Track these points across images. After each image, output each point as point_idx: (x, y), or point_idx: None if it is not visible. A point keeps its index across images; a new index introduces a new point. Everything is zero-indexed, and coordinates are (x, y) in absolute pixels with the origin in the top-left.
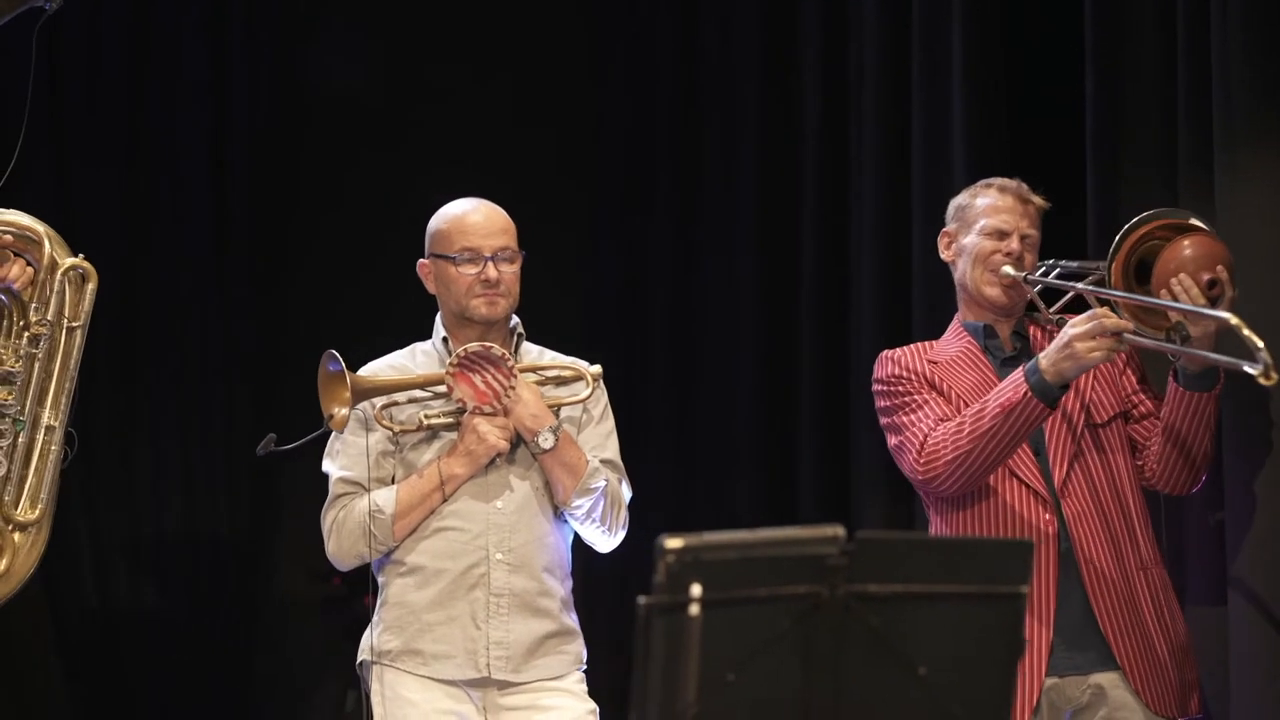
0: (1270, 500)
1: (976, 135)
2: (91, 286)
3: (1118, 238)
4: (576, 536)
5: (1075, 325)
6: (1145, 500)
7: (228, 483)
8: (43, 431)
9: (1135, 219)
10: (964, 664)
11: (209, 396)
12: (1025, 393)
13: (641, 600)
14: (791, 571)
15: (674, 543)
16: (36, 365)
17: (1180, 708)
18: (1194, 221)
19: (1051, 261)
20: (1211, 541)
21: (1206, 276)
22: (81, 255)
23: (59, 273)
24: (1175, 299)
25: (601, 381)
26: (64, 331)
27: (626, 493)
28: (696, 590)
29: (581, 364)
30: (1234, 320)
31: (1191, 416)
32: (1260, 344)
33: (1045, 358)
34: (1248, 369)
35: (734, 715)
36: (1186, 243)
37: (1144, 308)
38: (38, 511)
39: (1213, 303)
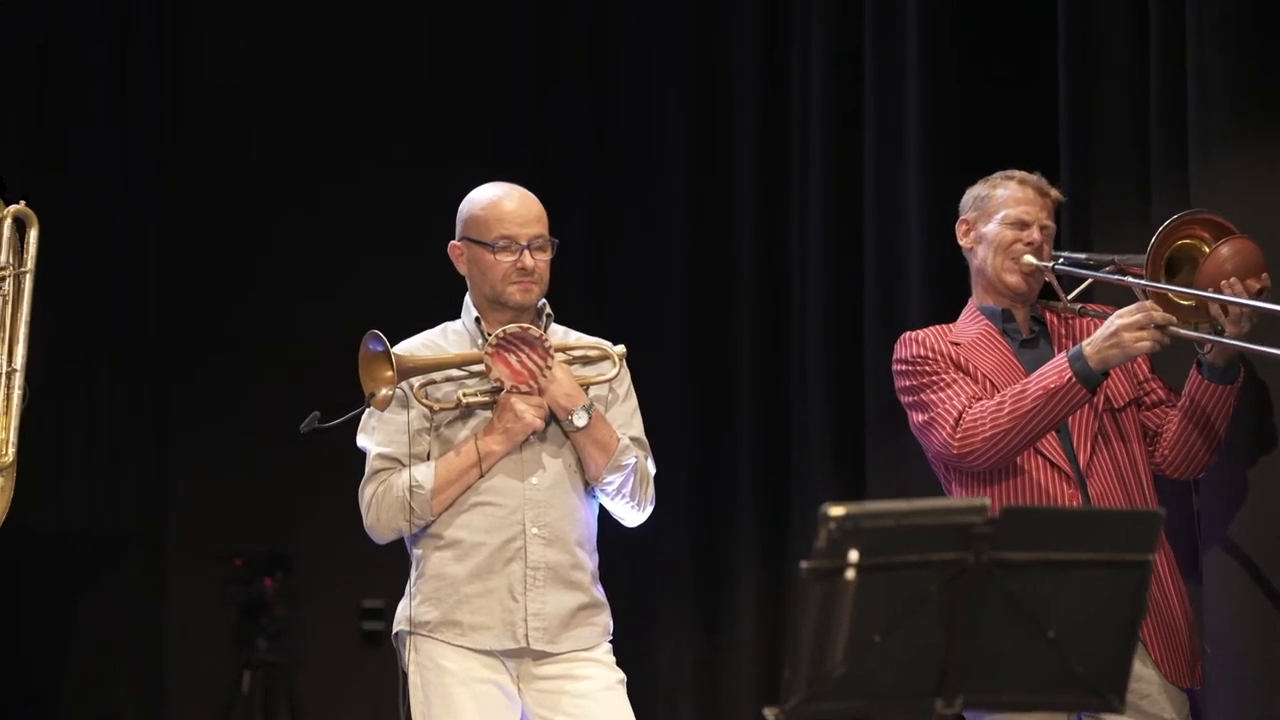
0: (1242, 483)
1: (934, 136)
2: (34, 232)
3: (1156, 235)
4: (603, 511)
5: (1123, 316)
6: (1154, 483)
7: (124, 464)
8: (3, 377)
9: (1175, 216)
10: (1089, 626)
11: (105, 381)
12: (1070, 378)
13: (803, 565)
14: (940, 539)
15: (836, 510)
16: None
17: (1190, 676)
18: (1228, 223)
19: (1055, 254)
20: (1185, 523)
21: (1257, 286)
22: (22, 201)
23: (4, 221)
24: (1227, 309)
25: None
26: (12, 278)
27: (652, 468)
28: (854, 556)
29: (606, 344)
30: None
31: (1213, 409)
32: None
33: (1090, 345)
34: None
35: (877, 674)
36: (1227, 248)
37: (1168, 299)
38: (10, 455)
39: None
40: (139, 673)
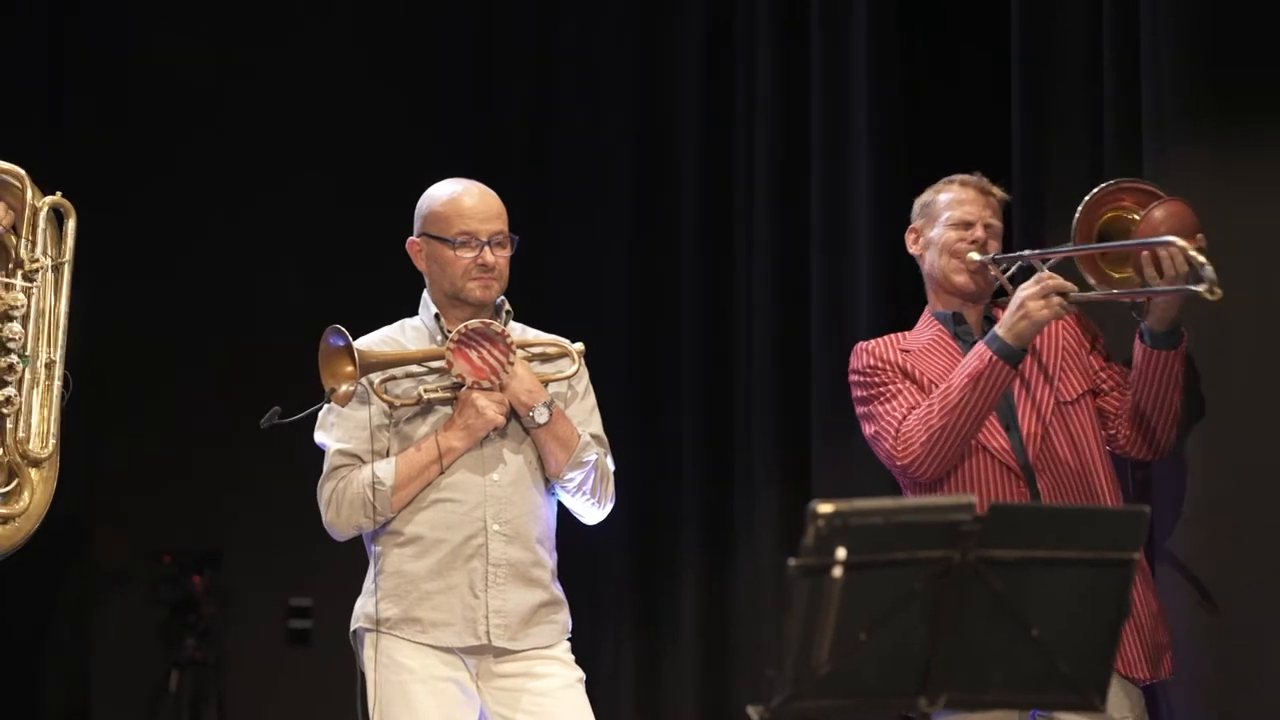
0: (1195, 466)
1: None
2: (72, 224)
3: (1081, 207)
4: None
5: (1025, 288)
6: (1115, 473)
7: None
8: (43, 368)
9: (1099, 186)
10: (1074, 625)
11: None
12: (990, 357)
13: (791, 562)
14: (927, 537)
15: (825, 508)
16: (33, 301)
17: (1153, 669)
18: (1154, 188)
19: (1015, 254)
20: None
21: (1194, 247)
22: (59, 193)
23: (41, 211)
24: (1161, 264)
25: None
26: (51, 269)
27: (611, 465)
28: (842, 554)
29: (564, 341)
30: (1180, 242)
31: (1161, 376)
32: (1205, 262)
33: (1001, 325)
34: (1193, 288)
35: (861, 672)
36: (1160, 211)
37: (1100, 270)
38: (50, 447)
39: (1197, 270)
40: (66, 670)
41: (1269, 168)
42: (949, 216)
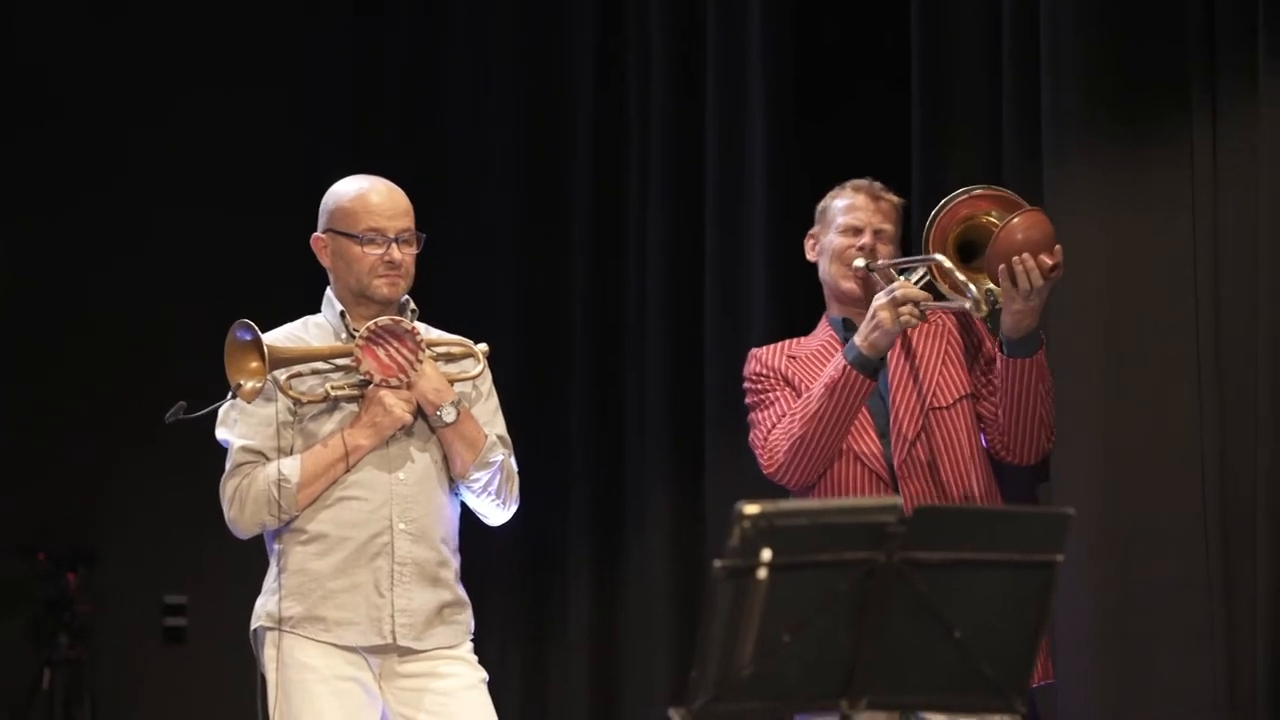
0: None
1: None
2: None
3: (936, 212)
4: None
5: (878, 298)
6: (993, 478)
7: None
8: None
9: (956, 192)
10: (996, 628)
11: None
12: (844, 367)
13: (716, 563)
14: (853, 538)
15: (751, 509)
16: None
17: (1040, 672)
18: (1015, 197)
19: (884, 262)
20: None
21: (1050, 262)
22: None
23: None
24: (1016, 277)
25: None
26: None
27: (515, 466)
28: (767, 555)
29: (469, 341)
30: (947, 262)
31: (1022, 383)
32: (966, 280)
33: (859, 335)
34: (965, 306)
35: (784, 674)
36: (1019, 220)
37: (957, 277)
38: None
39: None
40: None
41: (1168, 159)
42: (840, 223)
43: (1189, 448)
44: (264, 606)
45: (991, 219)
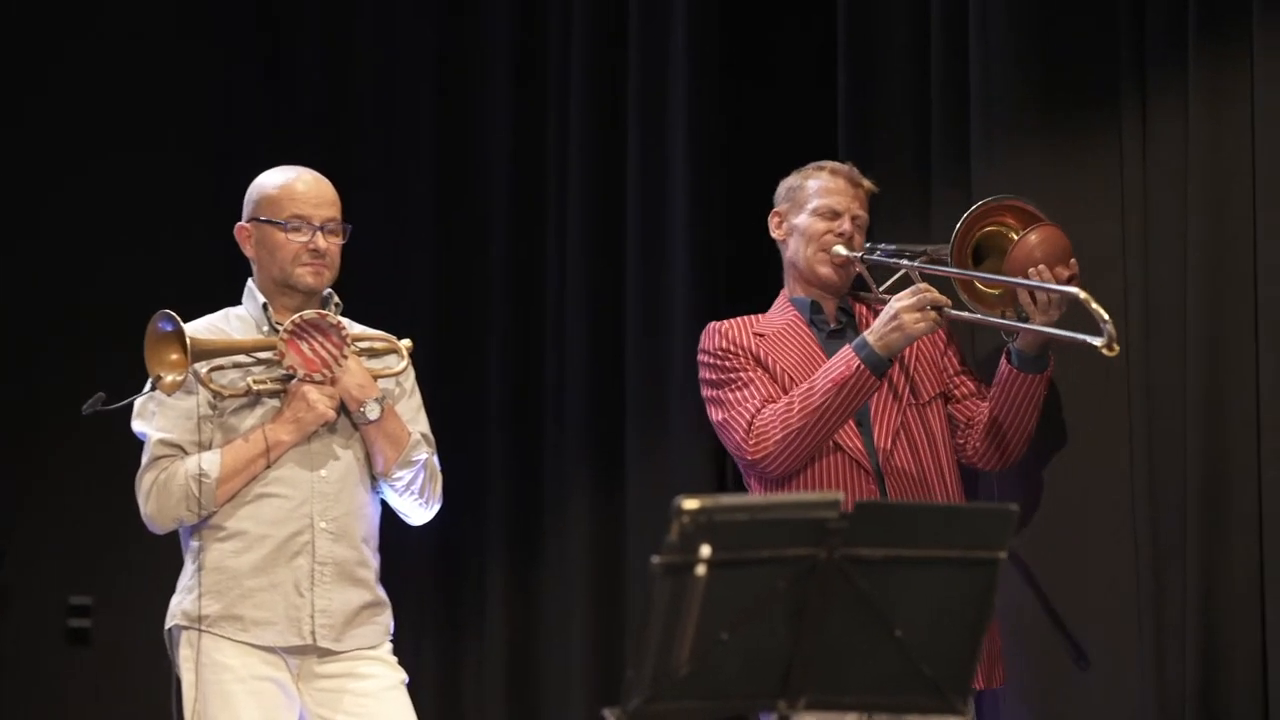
0: (1036, 481)
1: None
2: None
3: (960, 222)
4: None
5: (900, 299)
6: (960, 478)
7: None
8: None
9: (977, 203)
10: (938, 626)
11: None
12: (858, 366)
13: (654, 560)
14: (794, 535)
15: (690, 504)
16: None
17: (986, 679)
18: (1034, 209)
19: (870, 245)
20: None
21: (1066, 274)
22: None
23: None
24: (1035, 295)
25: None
26: None
27: (438, 465)
28: (706, 551)
29: (392, 337)
30: (1082, 295)
31: (1023, 398)
32: (1106, 317)
33: (873, 333)
34: (1092, 341)
35: (721, 673)
36: (1035, 234)
37: (975, 287)
38: None
39: (1098, 322)
40: None
41: (1098, 156)
42: (816, 205)
43: (1119, 451)
44: (179, 605)
45: (1008, 230)
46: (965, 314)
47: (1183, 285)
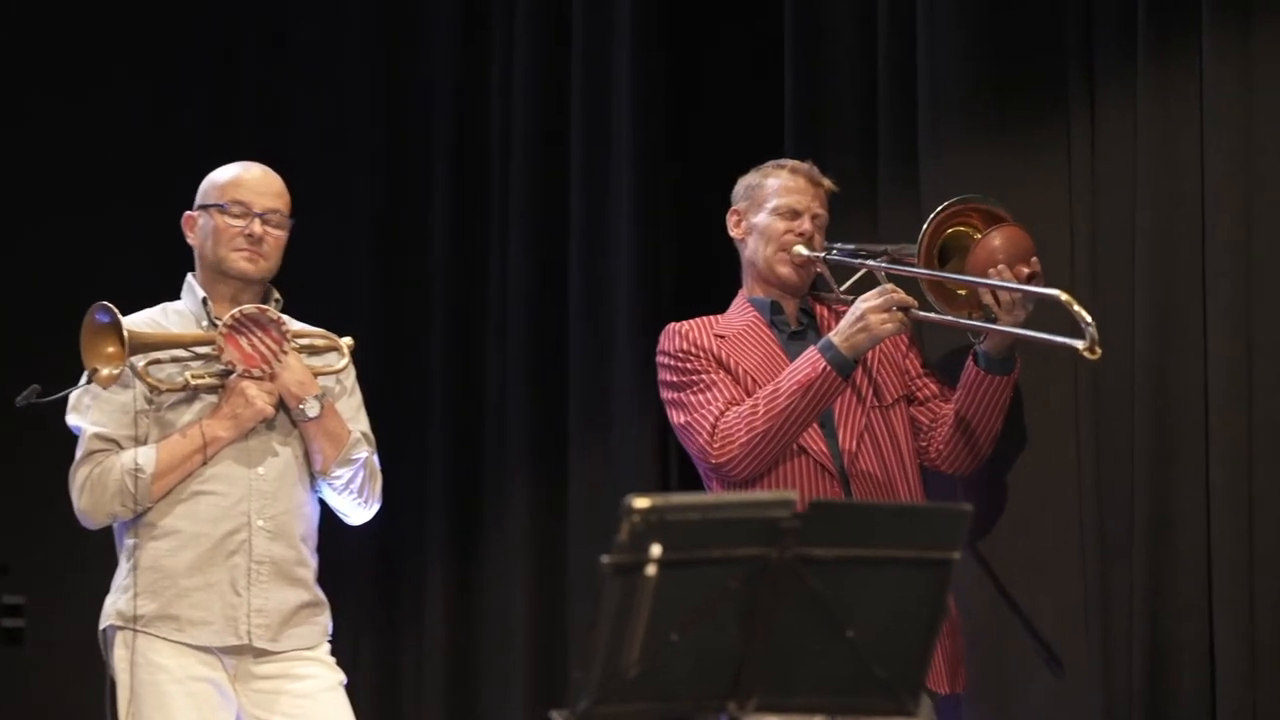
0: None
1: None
2: None
3: (926, 223)
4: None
5: (867, 299)
6: (922, 481)
7: None
8: None
9: (943, 204)
10: (890, 626)
11: None
12: (825, 368)
13: (603, 559)
14: (746, 534)
15: (641, 503)
16: None
17: (950, 683)
18: (1000, 211)
19: (827, 244)
20: None
21: (1026, 271)
22: None
23: None
24: (998, 296)
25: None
26: None
27: (377, 464)
28: (656, 551)
29: (333, 335)
30: (1064, 296)
31: (988, 400)
32: (1089, 319)
33: (838, 334)
34: (1073, 344)
35: (671, 674)
36: (997, 234)
37: (943, 288)
38: None
39: (1080, 325)
40: None
41: (1046, 153)
42: (776, 204)
43: (1066, 450)
44: (114, 605)
45: (973, 231)
46: (932, 315)
47: (1131, 282)
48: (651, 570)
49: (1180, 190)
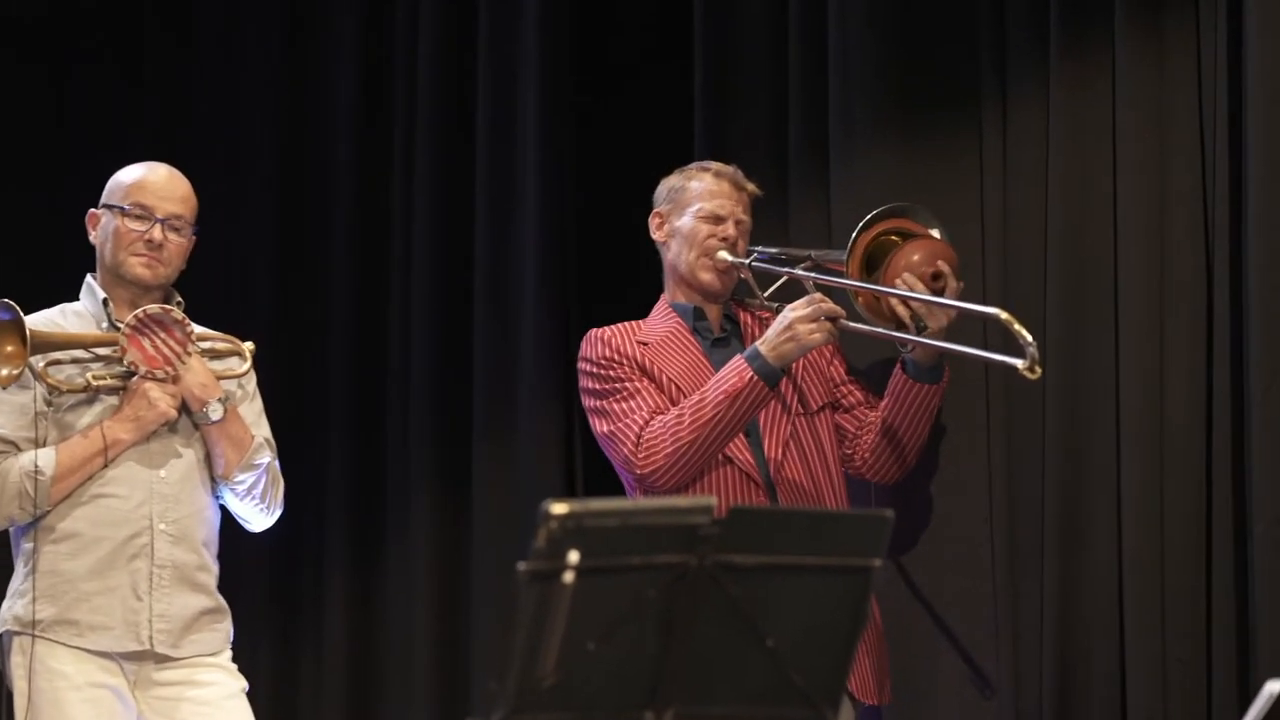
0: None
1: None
2: None
3: (854, 233)
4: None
5: (795, 309)
6: (846, 489)
7: None
8: None
9: (870, 215)
10: (810, 635)
11: None
12: (751, 377)
13: (520, 566)
14: (665, 541)
15: (559, 508)
16: None
17: (879, 694)
18: (923, 228)
19: (749, 249)
20: None
21: (929, 271)
22: None
23: None
24: (914, 308)
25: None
26: None
27: (279, 470)
28: (574, 558)
29: (235, 339)
30: (1004, 315)
31: (917, 408)
32: (1030, 338)
33: (765, 343)
34: (1012, 362)
35: (587, 684)
36: (913, 246)
37: (874, 298)
38: None
39: (939, 294)
40: None
41: (956, 159)
42: (700, 208)
43: (977, 455)
44: (11, 610)
45: (900, 238)
46: (862, 326)
47: (1043, 283)
48: (569, 577)
49: (1093, 190)
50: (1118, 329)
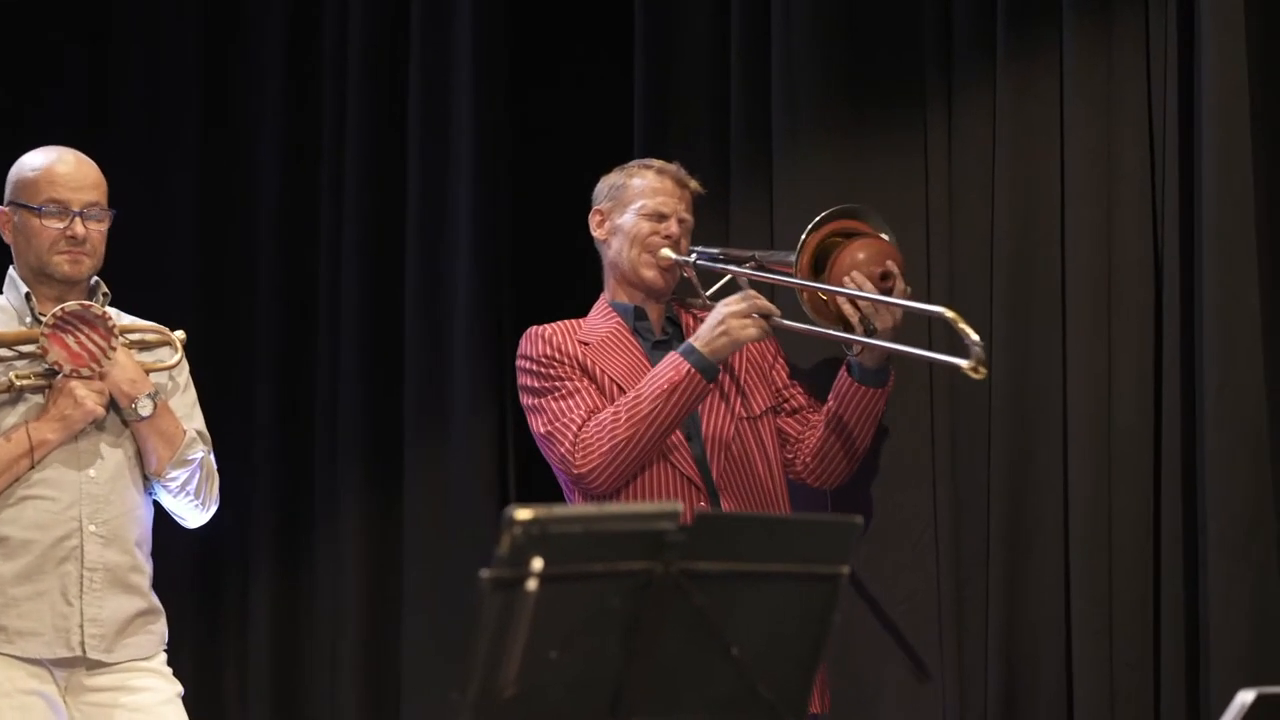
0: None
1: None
2: None
3: (804, 233)
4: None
5: (728, 304)
6: (788, 493)
7: None
8: None
9: (822, 214)
10: (776, 644)
11: None
12: (688, 370)
13: (483, 573)
14: (630, 547)
15: (523, 514)
16: None
17: (820, 701)
18: (874, 231)
19: (691, 248)
20: None
21: (878, 270)
22: None
23: None
24: (857, 302)
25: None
26: None
27: (214, 464)
28: (538, 564)
29: (165, 329)
30: (949, 314)
31: (861, 412)
32: (976, 337)
33: (699, 338)
34: (957, 362)
35: (550, 694)
36: (858, 245)
37: (821, 298)
38: None
39: (886, 295)
40: None
41: (901, 158)
42: (642, 205)
43: (922, 457)
44: None
45: (838, 240)
46: (798, 325)
47: (989, 284)
48: (532, 585)
49: (1039, 190)
50: (1065, 329)
